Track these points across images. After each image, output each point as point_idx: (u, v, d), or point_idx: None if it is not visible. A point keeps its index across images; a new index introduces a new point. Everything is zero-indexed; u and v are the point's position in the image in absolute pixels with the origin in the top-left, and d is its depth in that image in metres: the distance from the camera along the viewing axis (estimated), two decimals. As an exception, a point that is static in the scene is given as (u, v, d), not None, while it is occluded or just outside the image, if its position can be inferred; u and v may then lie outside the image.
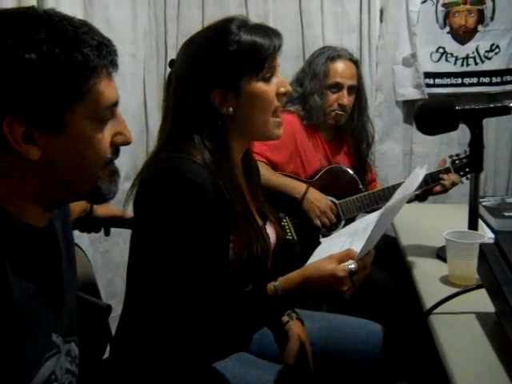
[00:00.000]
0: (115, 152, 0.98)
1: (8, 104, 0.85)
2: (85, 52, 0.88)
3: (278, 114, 1.38)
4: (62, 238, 1.04)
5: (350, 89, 2.39)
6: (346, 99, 2.37)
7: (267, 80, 1.33)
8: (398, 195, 1.28)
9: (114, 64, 0.94)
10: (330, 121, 2.41)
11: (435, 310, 1.27)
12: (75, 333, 1.06)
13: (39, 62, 0.84)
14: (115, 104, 0.95)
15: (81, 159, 0.92)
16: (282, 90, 1.36)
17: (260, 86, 1.32)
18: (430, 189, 2.34)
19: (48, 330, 0.94)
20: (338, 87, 2.37)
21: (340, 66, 2.37)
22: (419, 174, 1.33)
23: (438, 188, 2.33)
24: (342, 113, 2.39)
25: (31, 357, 0.89)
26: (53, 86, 0.86)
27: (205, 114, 1.32)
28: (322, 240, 1.45)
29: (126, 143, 0.99)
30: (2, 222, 0.89)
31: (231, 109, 1.32)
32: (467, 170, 2.29)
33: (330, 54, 2.38)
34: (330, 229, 2.32)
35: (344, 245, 1.23)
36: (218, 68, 1.30)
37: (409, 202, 2.38)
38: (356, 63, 2.44)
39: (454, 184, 2.32)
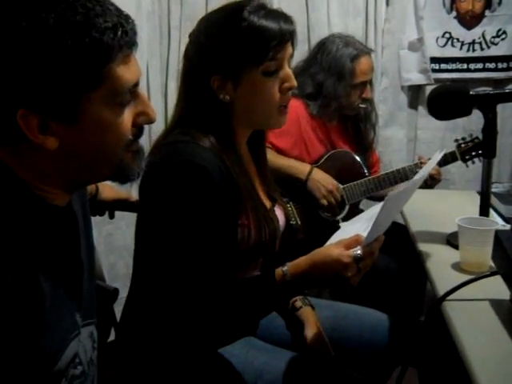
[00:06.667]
0: (138, 132, 0.94)
1: (20, 95, 0.81)
2: (96, 37, 0.82)
3: (285, 107, 1.34)
4: (81, 219, 1.03)
5: (370, 81, 2.40)
6: (370, 93, 2.38)
7: (270, 74, 1.28)
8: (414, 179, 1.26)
9: (131, 44, 0.89)
10: (350, 113, 2.41)
11: (448, 297, 1.26)
12: (95, 315, 1.04)
13: (48, 51, 0.79)
14: (135, 85, 0.91)
15: (100, 145, 0.89)
16: (286, 85, 1.31)
17: (260, 79, 1.28)
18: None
19: (73, 310, 0.93)
20: (363, 84, 2.35)
21: (363, 63, 2.33)
22: (435, 159, 1.31)
23: None
24: (364, 105, 2.40)
25: (58, 338, 0.88)
26: (64, 75, 0.81)
27: (205, 97, 1.29)
28: (341, 224, 1.43)
29: (150, 122, 0.96)
30: (31, 204, 0.87)
31: (228, 97, 1.29)
32: (473, 153, 2.27)
33: (351, 52, 2.31)
34: (334, 213, 2.30)
35: (360, 230, 1.21)
36: (219, 54, 1.27)
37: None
38: (370, 54, 2.41)
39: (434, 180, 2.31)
